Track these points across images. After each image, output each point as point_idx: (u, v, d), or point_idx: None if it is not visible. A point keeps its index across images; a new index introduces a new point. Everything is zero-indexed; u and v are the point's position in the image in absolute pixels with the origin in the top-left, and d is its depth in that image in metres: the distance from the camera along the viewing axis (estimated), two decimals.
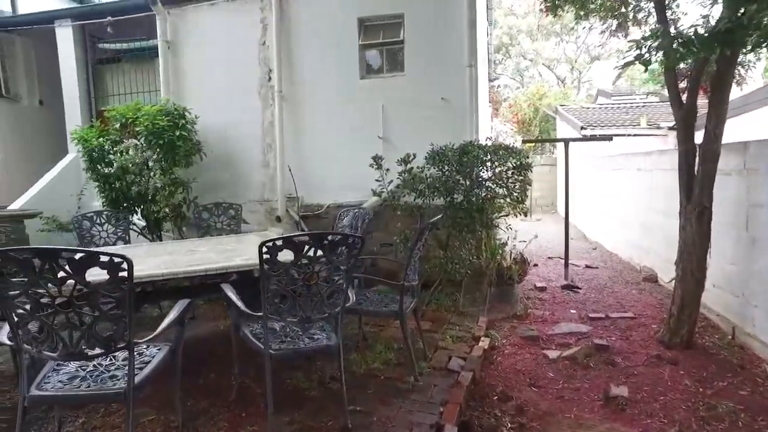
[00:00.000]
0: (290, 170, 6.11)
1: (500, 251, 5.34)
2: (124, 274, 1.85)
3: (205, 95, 6.47)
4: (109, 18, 6.64)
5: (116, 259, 1.81)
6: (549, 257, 8.16)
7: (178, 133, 5.38)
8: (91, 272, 1.79)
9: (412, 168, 4.99)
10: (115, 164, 5.36)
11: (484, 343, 3.99)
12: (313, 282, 2.41)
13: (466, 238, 4.91)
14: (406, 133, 5.76)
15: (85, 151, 5.50)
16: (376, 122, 5.87)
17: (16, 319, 1.86)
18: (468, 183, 4.86)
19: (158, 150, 5.33)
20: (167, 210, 5.40)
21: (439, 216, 3.56)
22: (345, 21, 5.91)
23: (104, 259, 1.78)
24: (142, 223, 5.82)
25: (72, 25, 6.96)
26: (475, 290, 5.17)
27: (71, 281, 1.79)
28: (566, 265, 6.69)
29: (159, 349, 2.42)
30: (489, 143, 5.11)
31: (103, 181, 5.47)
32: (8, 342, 1.93)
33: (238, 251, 3.56)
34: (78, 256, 1.75)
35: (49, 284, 1.78)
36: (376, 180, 5.06)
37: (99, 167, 5.46)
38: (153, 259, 3.31)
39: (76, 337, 1.89)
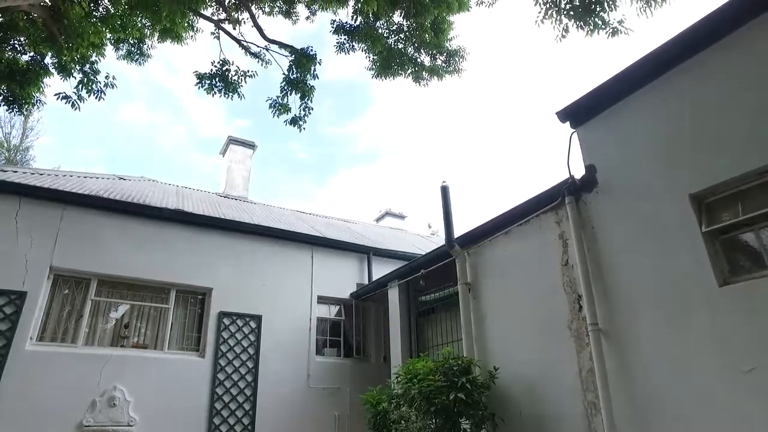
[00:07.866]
0: None
1: None
2: None
3: (506, 339, 5.24)
4: (422, 271, 6.73)
5: None
6: None
7: (453, 396, 4.14)
8: None
9: None
10: None
11: None
12: None
13: None
14: None
15: (371, 415, 4.89)
16: None
17: None
18: None
19: (433, 418, 4.17)
20: None
21: None
22: (668, 205, 3.93)
23: None
24: None
25: (398, 284, 7.42)
26: None
27: None
28: None
29: None
30: None
31: None
32: None
33: None
34: None
35: None
36: None
37: None
38: None
39: None
